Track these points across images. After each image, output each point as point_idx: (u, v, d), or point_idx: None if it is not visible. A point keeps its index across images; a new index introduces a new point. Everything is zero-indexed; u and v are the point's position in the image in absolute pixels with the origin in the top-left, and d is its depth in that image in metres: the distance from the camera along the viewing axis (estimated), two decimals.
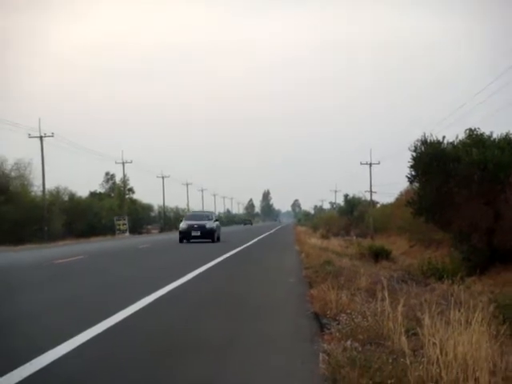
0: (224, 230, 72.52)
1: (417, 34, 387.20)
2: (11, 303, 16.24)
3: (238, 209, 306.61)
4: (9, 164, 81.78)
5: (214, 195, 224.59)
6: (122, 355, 9.48)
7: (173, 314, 13.90)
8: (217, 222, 56.74)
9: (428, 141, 35.17)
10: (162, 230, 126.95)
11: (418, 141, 35.22)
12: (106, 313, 13.00)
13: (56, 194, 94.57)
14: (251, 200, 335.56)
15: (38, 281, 23.17)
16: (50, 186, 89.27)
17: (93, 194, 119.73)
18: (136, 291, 17.10)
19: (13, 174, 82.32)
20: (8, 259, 39.20)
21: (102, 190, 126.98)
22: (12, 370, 8.60)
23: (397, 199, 72.19)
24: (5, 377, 8.07)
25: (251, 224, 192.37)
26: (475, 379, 5.53)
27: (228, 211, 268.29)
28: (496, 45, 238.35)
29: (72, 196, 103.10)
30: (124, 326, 12.11)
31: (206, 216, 56.81)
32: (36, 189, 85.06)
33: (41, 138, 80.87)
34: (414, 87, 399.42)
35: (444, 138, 35.47)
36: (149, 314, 13.72)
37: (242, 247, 45.06)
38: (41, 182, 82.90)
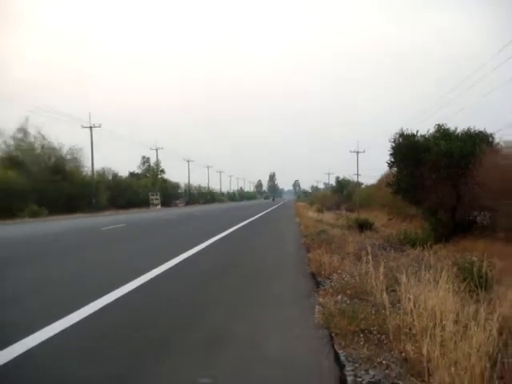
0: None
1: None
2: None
3: (249, 187, 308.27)
4: (65, 149, 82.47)
5: (230, 176, 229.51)
6: None
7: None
8: None
9: (404, 134, 35.55)
10: (186, 204, 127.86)
11: (396, 134, 35.61)
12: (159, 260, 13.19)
13: (102, 174, 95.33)
14: (260, 180, 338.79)
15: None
16: (97, 167, 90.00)
17: (132, 174, 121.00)
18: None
19: (68, 157, 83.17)
20: (73, 224, 39.70)
21: (139, 171, 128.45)
22: None
23: (378, 181, 71.96)
24: None
25: (273, 200, 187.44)
26: (442, 326, 5.58)
27: (241, 189, 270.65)
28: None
29: (115, 175, 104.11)
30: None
31: None
32: (86, 169, 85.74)
33: (91, 128, 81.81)
34: (401, 86, 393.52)
35: (418, 131, 35.84)
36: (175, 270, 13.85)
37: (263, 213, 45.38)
38: (90, 163, 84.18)
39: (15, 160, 71.79)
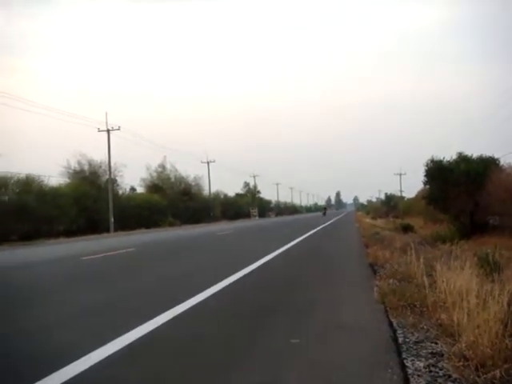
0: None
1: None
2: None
3: (321, 201, 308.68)
4: (190, 178, 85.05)
5: (307, 194, 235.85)
6: None
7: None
8: None
9: (434, 160, 35.29)
10: (277, 215, 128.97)
11: (429, 160, 35.43)
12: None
13: (216, 194, 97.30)
14: (329, 196, 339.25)
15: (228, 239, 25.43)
16: (213, 189, 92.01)
17: (237, 194, 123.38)
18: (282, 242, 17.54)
19: (193, 183, 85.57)
20: (198, 231, 40.65)
21: (242, 192, 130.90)
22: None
23: (416, 195, 70.85)
24: None
25: (324, 214, 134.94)
26: (467, 301, 5.56)
27: (316, 203, 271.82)
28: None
29: (225, 195, 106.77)
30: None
31: None
32: (205, 192, 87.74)
33: (208, 163, 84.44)
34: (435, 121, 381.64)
35: (444, 158, 35.53)
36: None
37: (332, 220, 45.33)
38: (208, 187, 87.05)
39: (157, 186, 75.50)
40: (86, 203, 51.32)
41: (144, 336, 5.83)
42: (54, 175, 53.20)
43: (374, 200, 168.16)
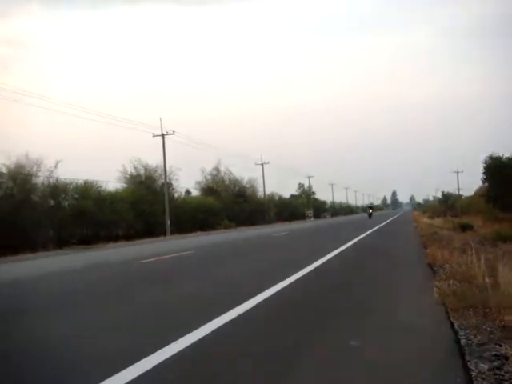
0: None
1: None
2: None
3: (377, 201, 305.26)
4: (245, 180, 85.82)
5: (363, 194, 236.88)
6: None
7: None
8: None
9: (493, 156, 34.65)
10: (332, 216, 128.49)
11: (487, 156, 34.85)
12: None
13: (271, 196, 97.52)
14: (385, 196, 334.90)
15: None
16: (268, 191, 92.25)
17: (291, 196, 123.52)
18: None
19: (247, 185, 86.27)
20: (254, 233, 41.11)
21: (297, 193, 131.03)
22: None
23: (474, 193, 69.55)
24: None
25: (369, 216, 79.06)
26: None
27: (371, 203, 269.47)
28: None
29: (280, 197, 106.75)
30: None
31: None
32: (260, 193, 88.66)
33: (262, 164, 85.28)
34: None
35: (503, 155, 34.87)
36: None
37: (389, 220, 44.94)
38: (262, 189, 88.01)
39: (212, 189, 76.27)
40: (143, 207, 52.28)
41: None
42: (110, 180, 54.45)
43: (431, 199, 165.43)
